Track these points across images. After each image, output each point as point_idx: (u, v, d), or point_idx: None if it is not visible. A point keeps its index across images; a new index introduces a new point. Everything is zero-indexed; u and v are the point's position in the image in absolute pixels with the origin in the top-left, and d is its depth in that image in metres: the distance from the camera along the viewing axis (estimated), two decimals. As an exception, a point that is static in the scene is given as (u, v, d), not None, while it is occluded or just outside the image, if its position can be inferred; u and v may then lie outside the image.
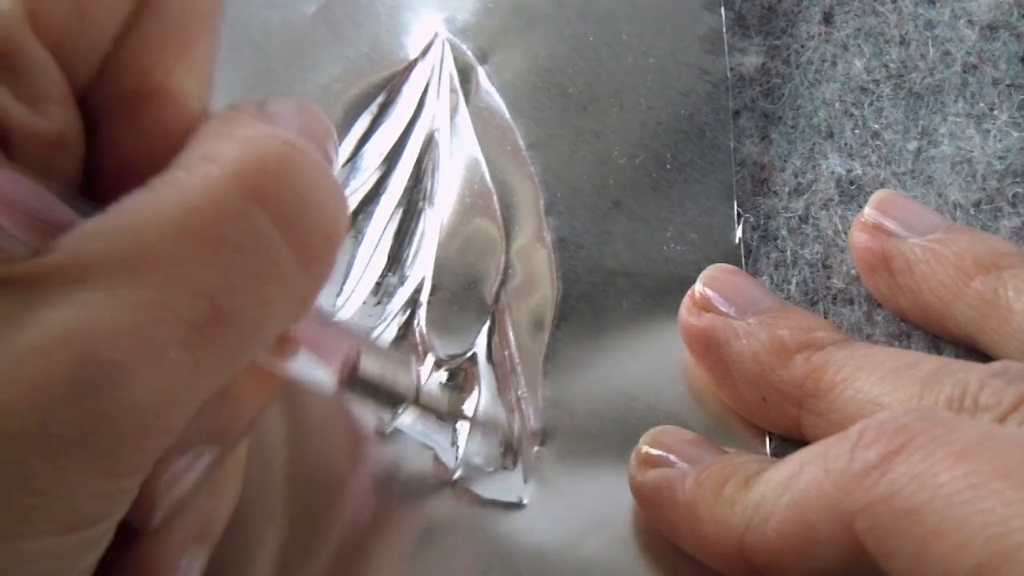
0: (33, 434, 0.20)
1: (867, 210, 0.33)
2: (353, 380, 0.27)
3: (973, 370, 0.27)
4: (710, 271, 0.32)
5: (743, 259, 0.34)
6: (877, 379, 0.29)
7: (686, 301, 0.32)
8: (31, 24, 0.22)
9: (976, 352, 0.32)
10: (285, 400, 0.31)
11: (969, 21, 0.37)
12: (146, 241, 0.21)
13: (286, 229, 0.22)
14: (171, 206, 0.21)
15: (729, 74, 0.37)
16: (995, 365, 0.27)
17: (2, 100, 0.22)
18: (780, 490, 0.26)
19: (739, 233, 0.34)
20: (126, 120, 0.24)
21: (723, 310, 0.31)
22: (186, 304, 0.21)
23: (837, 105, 0.36)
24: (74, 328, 0.20)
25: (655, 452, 0.30)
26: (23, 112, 0.22)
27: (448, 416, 0.30)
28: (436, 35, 0.37)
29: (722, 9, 0.37)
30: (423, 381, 0.29)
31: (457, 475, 0.31)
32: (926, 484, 0.23)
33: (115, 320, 0.20)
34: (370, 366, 0.27)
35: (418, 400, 0.28)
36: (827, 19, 0.38)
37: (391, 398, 0.28)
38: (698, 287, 0.32)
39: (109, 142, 0.24)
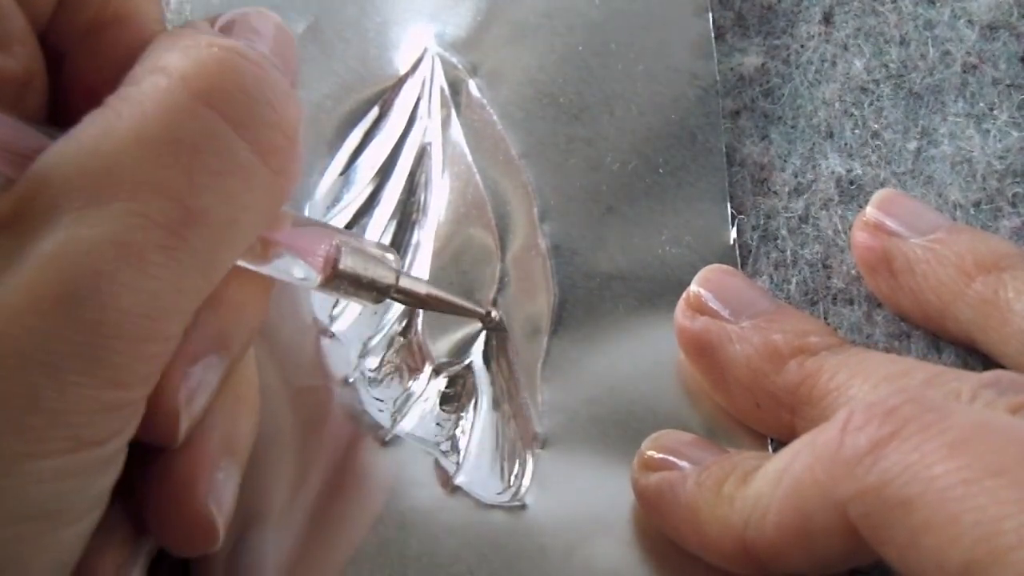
0: (35, 355, 0.21)
1: (869, 209, 0.33)
2: (336, 275, 0.28)
3: (966, 379, 0.27)
4: (705, 272, 0.32)
5: (739, 260, 0.34)
6: (871, 387, 0.29)
7: (681, 304, 0.32)
8: None
9: (976, 353, 0.32)
10: (286, 411, 0.31)
11: (969, 21, 0.37)
12: (108, 157, 0.22)
13: (239, 127, 0.23)
14: (127, 119, 0.22)
15: (729, 74, 0.37)
16: (987, 375, 0.27)
17: None
18: (775, 483, 0.26)
19: (733, 234, 0.34)
20: (90, 50, 0.25)
21: (718, 312, 0.31)
22: (157, 208, 0.22)
23: (837, 105, 0.36)
24: (57, 252, 0.21)
25: (657, 456, 0.30)
26: None
27: (429, 300, 0.31)
28: (425, 50, 0.37)
29: (709, 14, 0.37)
30: (402, 273, 0.30)
31: (458, 480, 0.31)
32: (918, 476, 0.23)
33: (93, 236, 0.21)
34: (351, 260, 0.28)
35: (399, 287, 0.29)
36: (827, 19, 0.38)
37: (374, 288, 0.29)
38: (693, 288, 0.32)
39: (75, 74, 0.25)
